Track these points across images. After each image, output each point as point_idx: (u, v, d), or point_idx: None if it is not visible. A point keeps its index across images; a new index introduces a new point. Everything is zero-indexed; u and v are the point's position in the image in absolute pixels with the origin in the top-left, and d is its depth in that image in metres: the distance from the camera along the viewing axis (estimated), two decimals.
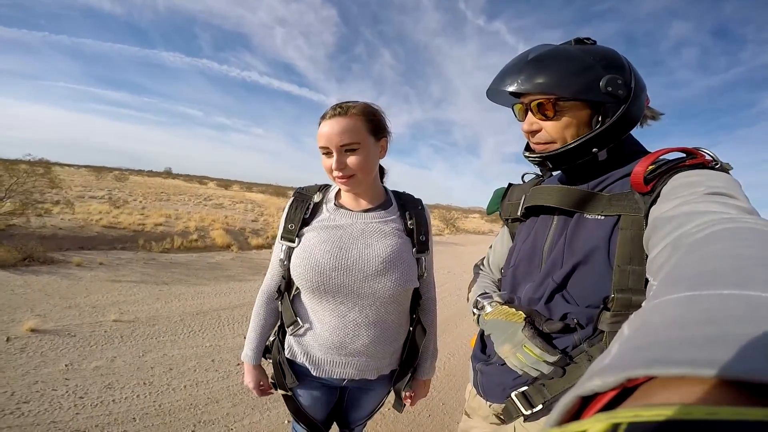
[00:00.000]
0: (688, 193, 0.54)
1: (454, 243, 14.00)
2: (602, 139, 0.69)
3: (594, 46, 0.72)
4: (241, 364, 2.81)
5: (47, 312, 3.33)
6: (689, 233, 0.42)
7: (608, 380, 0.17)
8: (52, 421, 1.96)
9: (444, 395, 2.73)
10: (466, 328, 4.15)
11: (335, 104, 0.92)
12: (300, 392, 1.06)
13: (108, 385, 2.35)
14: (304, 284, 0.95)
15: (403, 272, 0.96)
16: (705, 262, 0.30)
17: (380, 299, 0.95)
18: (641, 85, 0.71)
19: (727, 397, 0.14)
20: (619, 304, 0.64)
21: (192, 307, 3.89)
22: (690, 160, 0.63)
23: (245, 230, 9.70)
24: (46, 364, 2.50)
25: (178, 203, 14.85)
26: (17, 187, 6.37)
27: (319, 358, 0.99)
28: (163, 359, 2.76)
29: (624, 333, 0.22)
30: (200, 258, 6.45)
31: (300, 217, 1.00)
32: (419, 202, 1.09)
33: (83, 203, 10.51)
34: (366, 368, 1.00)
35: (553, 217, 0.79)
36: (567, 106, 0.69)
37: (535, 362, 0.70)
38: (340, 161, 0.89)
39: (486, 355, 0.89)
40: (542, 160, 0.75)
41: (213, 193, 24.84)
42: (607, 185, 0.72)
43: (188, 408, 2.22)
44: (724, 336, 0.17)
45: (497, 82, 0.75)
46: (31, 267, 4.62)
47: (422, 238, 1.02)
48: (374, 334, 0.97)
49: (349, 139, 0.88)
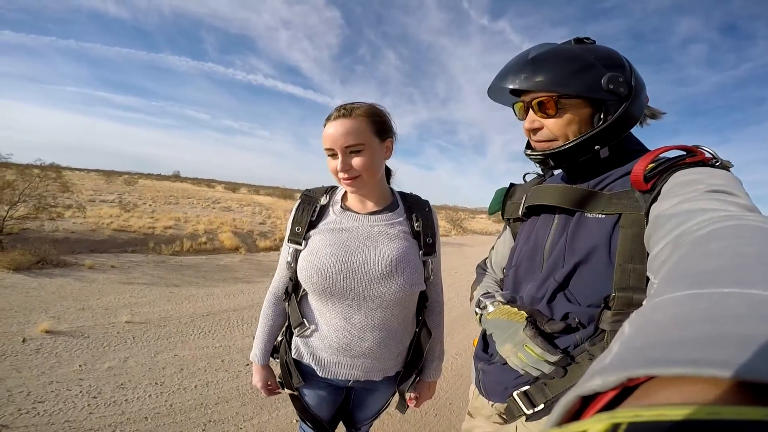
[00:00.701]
0: (689, 190, 0.54)
1: (461, 243, 13.94)
2: (604, 137, 0.70)
3: (594, 45, 0.73)
4: (250, 365, 2.83)
5: (61, 314, 3.40)
6: (690, 231, 0.42)
7: (609, 380, 0.17)
8: (66, 420, 2.01)
9: (451, 395, 2.73)
10: (473, 329, 4.13)
11: (340, 106, 0.93)
12: (306, 392, 1.07)
13: (121, 385, 2.39)
14: (310, 287, 0.96)
15: (409, 275, 0.96)
16: (706, 260, 0.30)
17: (386, 302, 0.95)
18: (641, 83, 0.72)
19: (728, 397, 0.14)
20: (620, 303, 0.64)
21: (202, 309, 3.94)
22: (690, 158, 0.63)
23: (253, 233, 9.77)
24: (60, 365, 2.55)
25: (187, 206, 15.02)
26: (30, 192, 6.50)
27: (325, 359, 1.00)
28: (174, 360, 2.80)
29: (625, 332, 0.22)
30: (209, 260, 6.51)
31: (307, 220, 1.00)
32: (426, 203, 1.09)
33: (94, 207, 10.68)
34: (371, 370, 1.00)
35: (554, 217, 0.79)
36: (569, 103, 0.70)
37: (536, 362, 0.71)
38: (345, 162, 0.89)
39: (488, 355, 0.89)
40: (544, 158, 0.76)
41: (221, 196, 25.06)
42: (608, 184, 0.72)
43: (198, 407, 2.25)
44: (725, 335, 0.17)
45: (498, 80, 0.75)
46: (45, 270, 4.71)
47: (429, 240, 1.02)
48: (380, 337, 0.97)
49: (354, 140, 0.88)
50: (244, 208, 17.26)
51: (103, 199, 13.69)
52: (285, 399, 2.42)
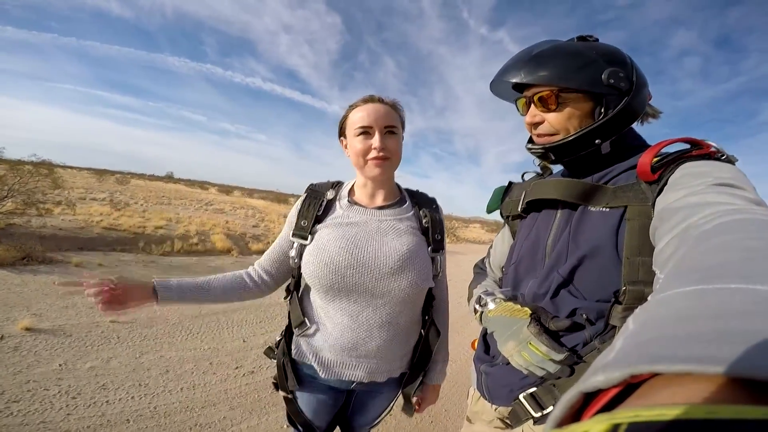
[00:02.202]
0: (696, 183, 0.53)
1: (455, 252, 13.93)
2: (605, 131, 0.70)
3: (597, 42, 0.74)
4: (239, 368, 2.75)
5: (44, 311, 3.28)
6: (696, 225, 0.42)
7: (612, 376, 0.16)
8: (42, 421, 1.90)
9: (446, 402, 2.66)
10: (467, 335, 4.09)
11: (371, 95, 0.95)
12: (305, 395, 1.02)
13: (102, 385, 2.29)
14: (317, 282, 0.92)
15: (420, 271, 0.93)
16: (712, 255, 0.30)
17: (395, 299, 0.92)
18: (643, 80, 0.71)
19: (731, 395, 0.14)
20: (631, 297, 0.62)
21: (191, 310, 3.83)
22: (696, 151, 0.63)
23: (246, 235, 9.67)
24: (39, 364, 2.44)
25: (179, 207, 14.86)
26: (20, 187, 6.37)
27: (329, 359, 0.95)
28: (160, 361, 2.70)
29: (629, 327, 0.22)
30: (200, 261, 6.40)
31: (313, 214, 0.97)
32: (434, 200, 1.08)
33: (84, 204, 10.51)
34: (376, 371, 0.96)
35: (556, 211, 0.78)
36: (570, 97, 0.70)
37: (541, 360, 0.67)
38: (383, 141, 0.90)
39: (490, 356, 0.86)
40: (545, 152, 0.76)
41: (214, 198, 24.90)
42: (611, 178, 0.71)
43: (184, 411, 2.16)
44: (730, 332, 0.17)
45: (501, 74, 0.76)
46: (30, 266, 4.58)
47: (437, 236, 1.00)
48: (387, 336, 0.93)
49: (392, 121, 0.92)
50: (238, 210, 17.13)
51: (94, 197, 13.50)
52: (275, 403, 2.33)
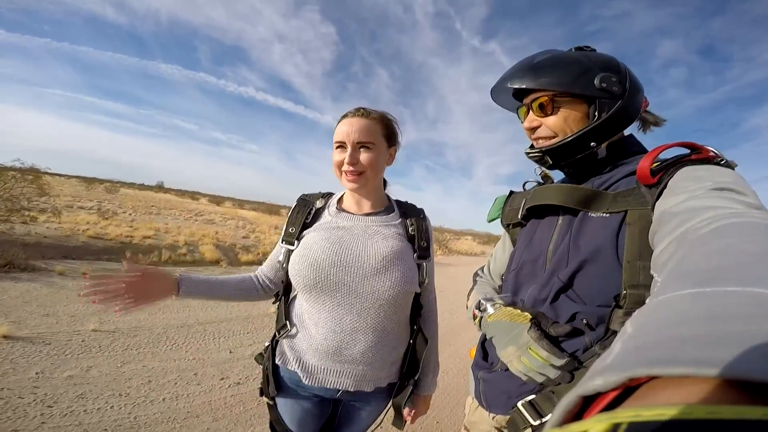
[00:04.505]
0: (695, 187, 0.54)
1: (447, 264, 13.91)
2: (599, 133, 0.71)
3: (593, 52, 0.77)
4: (225, 379, 2.67)
5: (23, 319, 3.17)
6: (694, 228, 0.42)
7: (610, 380, 0.16)
8: (14, 429, 1.82)
9: (438, 413, 2.62)
10: (459, 347, 4.06)
11: (357, 107, 0.97)
12: (290, 403, 0.99)
13: (80, 395, 2.20)
14: (301, 281, 0.91)
15: (404, 273, 0.93)
16: (710, 259, 0.30)
17: (379, 301, 0.91)
18: (637, 86, 0.74)
19: (729, 397, 0.14)
20: (632, 301, 0.62)
21: (177, 320, 3.74)
22: (695, 155, 0.63)
23: (236, 246, 9.54)
24: (15, 371, 2.34)
25: (169, 217, 14.66)
26: (3, 193, 6.22)
27: (313, 365, 0.93)
28: (143, 371, 2.61)
29: (627, 331, 0.22)
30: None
31: (301, 221, 1.00)
32: (421, 211, 1.09)
33: (71, 213, 10.31)
34: (363, 378, 0.93)
35: (557, 218, 0.79)
36: (564, 101, 0.73)
37: (542, 366, 0.66)
38: (353, 156, 0.91)
39: (488, 363, 0.85)
40: (542, 156, 0.77)
41: (204, 209, 24.63)
42: (612, 184, 0.73)
43: (166, 421, 2.08)
44: (727, 335, 0.17)
45: (501, 80, 0.79)
46: (11, 273, 4.45)
47: (423, 244, 1.01)
48: (372, 340, 0.92)
49: (366, 137, 0.91)
50: (228, 221, 16.96)
51: (81, 206, 13.26)
52: (261, 415, 2.27)
